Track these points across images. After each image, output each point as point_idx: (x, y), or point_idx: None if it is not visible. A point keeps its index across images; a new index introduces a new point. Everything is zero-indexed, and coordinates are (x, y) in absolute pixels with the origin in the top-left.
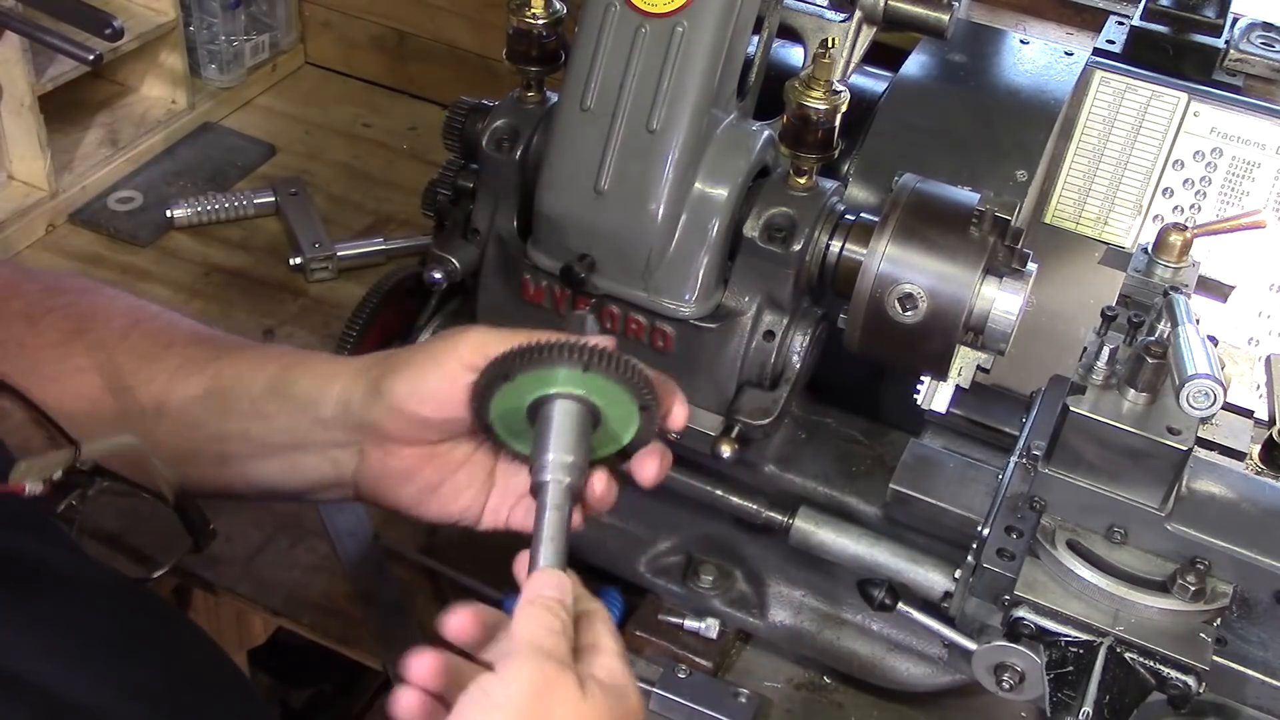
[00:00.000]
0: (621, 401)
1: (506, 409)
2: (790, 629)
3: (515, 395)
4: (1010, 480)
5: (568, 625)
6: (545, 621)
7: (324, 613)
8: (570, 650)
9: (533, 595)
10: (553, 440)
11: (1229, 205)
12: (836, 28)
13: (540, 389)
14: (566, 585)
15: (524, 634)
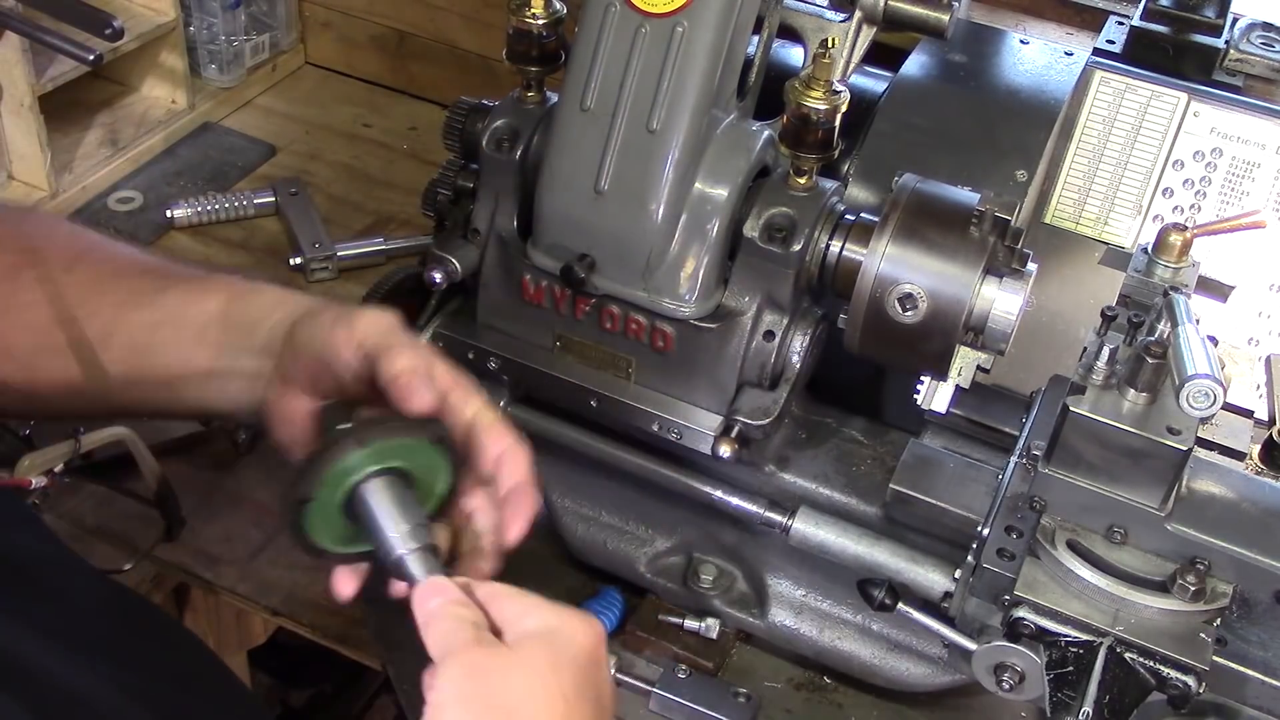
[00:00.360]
0: (417, 449)
1: (327, 526)
2: (790, 629)
3: (324, 511)
4: (1010, 480)
5: (463, 611)
6: (445, 625)
7: (324, 613)
8: (479, 628)
9: (422, 615)
10: (380, 522)
11: (1229, 205)
12: (836, 28)
13: (339, 489)
14: (444, 583)
15: (435, 645)
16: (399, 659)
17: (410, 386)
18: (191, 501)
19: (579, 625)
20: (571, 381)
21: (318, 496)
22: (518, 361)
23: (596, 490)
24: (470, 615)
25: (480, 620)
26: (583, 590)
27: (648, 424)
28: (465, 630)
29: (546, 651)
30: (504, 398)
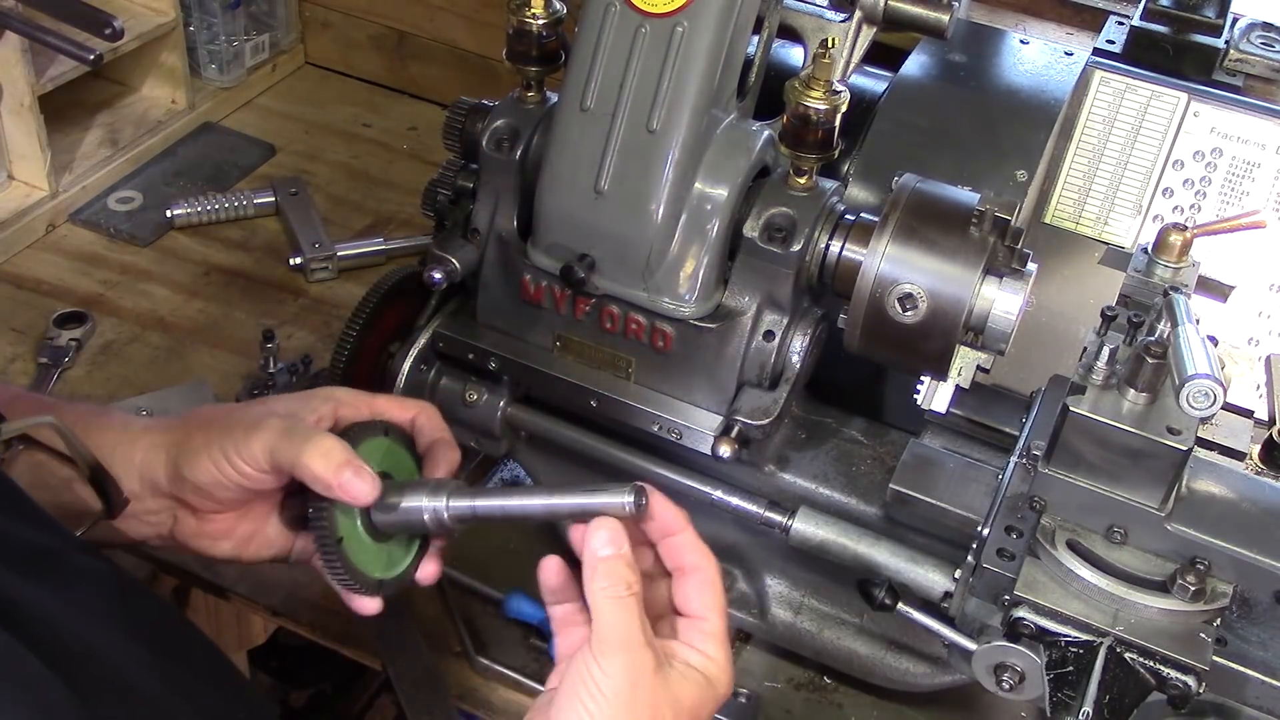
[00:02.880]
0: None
1: (368, 558)
2: (790, 629)
3: (357, 544)
4: (1010, 480)
5: (631, 577)
6: (619, 600)
7: (324, 613)
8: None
9: (595, 554)
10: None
11: (1229, 205)
12: (836, 28)
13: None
14: (621, 535)
15: (607, 617)
16: (399, 659)
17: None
18: None
19: (726, 679)
20: (571, 381)
21: (344, 533)
22: (518, 361)
23: None
24: (638, 589)
25: (640, 598)
26: None
27: (648, 424)
28: (638, 622)
29: (697, 691)
30: (504, 398)
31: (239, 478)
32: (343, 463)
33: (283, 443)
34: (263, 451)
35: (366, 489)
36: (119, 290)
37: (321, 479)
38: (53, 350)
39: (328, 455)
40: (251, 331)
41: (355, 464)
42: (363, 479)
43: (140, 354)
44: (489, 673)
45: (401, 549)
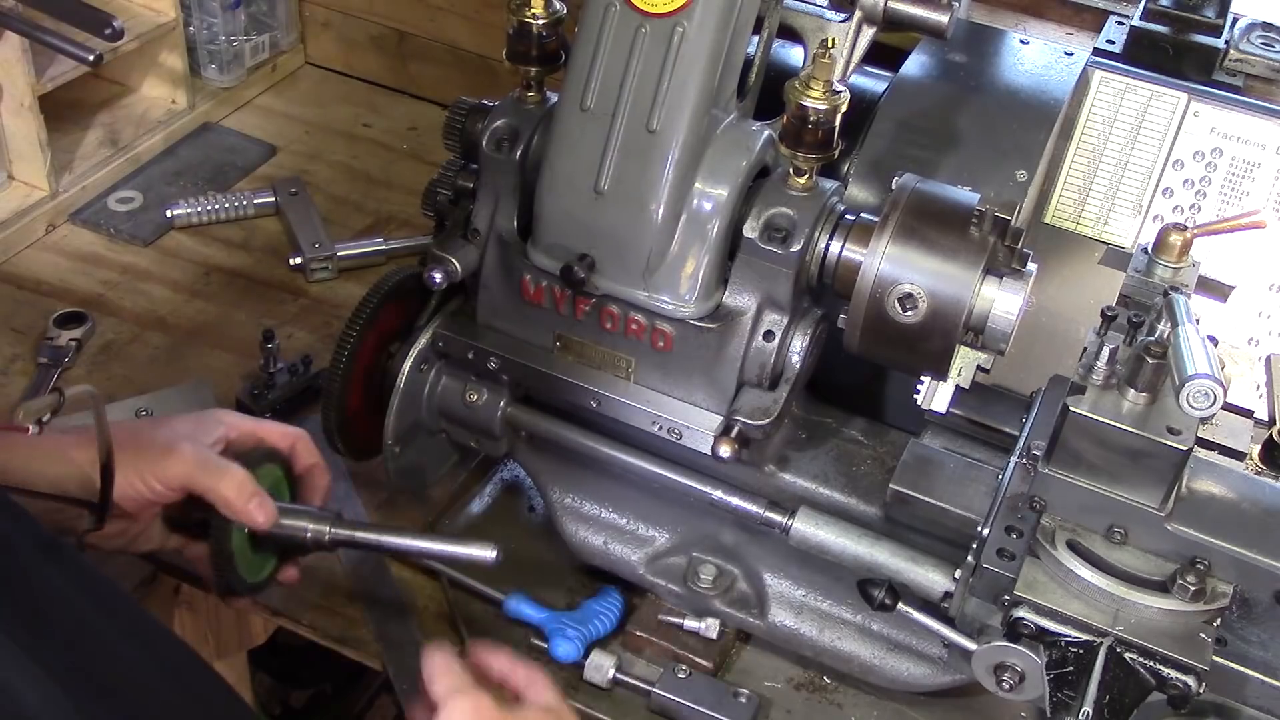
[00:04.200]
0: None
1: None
2: (790, 629)
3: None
4: (1010, 480)
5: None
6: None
7: (324, 613)
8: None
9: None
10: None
11: (1229, 205)
12: (836, 28)
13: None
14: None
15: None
16: (399, 659)
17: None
18: None
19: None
20: (571, 381)
21: (237, 547)
22: (518, 361)
23: (596, 490)
24: (465, 666)
25: (470, 669)
26: (583, 590)
27: (648, 424)
28: (467, 677)
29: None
30: (504, 398)
31: (151, 495)
32: (252, 493)
33: (199, 472)
34: (179, 477)
35: (267, 516)
36: (119, 290)
37: (232, 506)
38: (53, 350)
39: (240, 487)
40: (251, 331)
41: (260, 495)
42: (265, 509)
43: (140, 354)
44: None
45: (267, 559)
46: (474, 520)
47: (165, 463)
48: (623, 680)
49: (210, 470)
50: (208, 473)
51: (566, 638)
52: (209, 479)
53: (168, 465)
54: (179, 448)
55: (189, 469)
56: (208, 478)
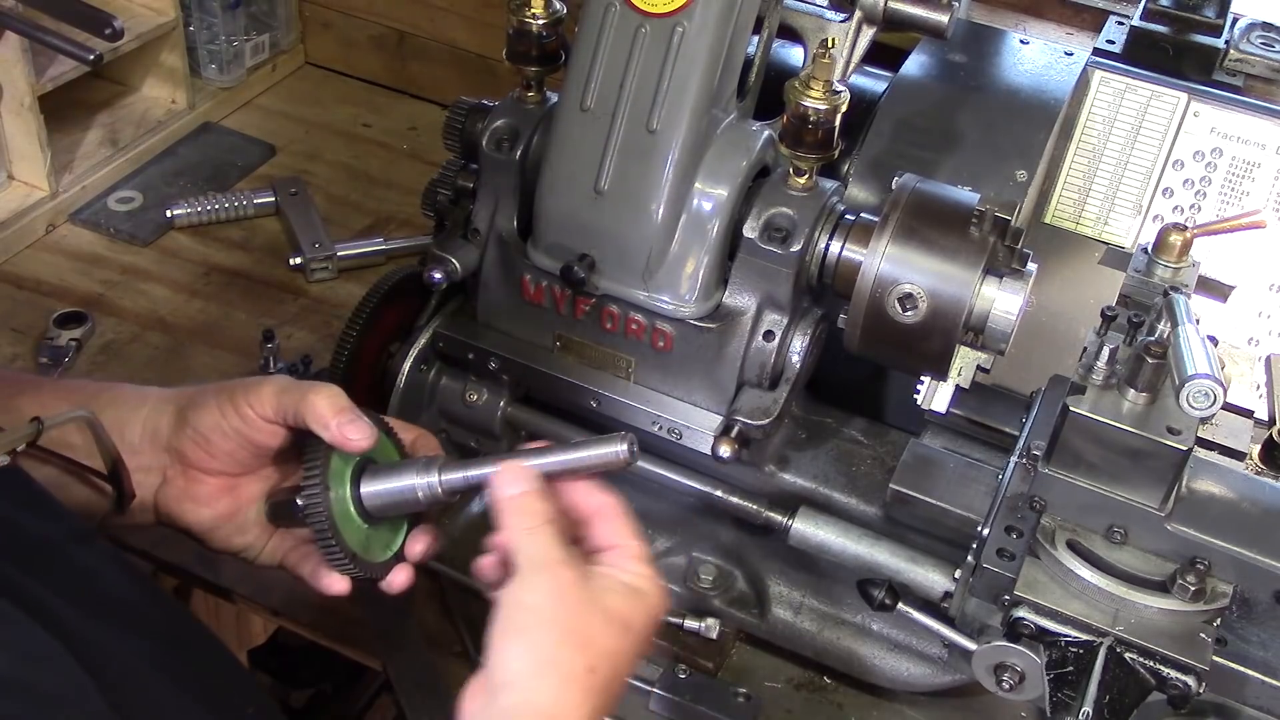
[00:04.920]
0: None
1: (353, 534)
2: (790, 629)
3: (346, 519)
4: (1010, 480)
5: (545, 507)
6: (533, 528)
7: (324, 613)
8: (566, 545)
9: (502, 499)
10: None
11: (1229, 205)
12: (836, 28)
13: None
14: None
15: (523, 546)
16: (399, 659)
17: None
18: None
19: (655, 591)
20: (571, 381)
21: (336, 509)
22: (518, 361)
23: None
24: (552, 515)
25: (556, 523)
26: None
27: (648, 424)
28: (556, 545)
29: (625, 600)
30: (504, 398)
31: (242, 424)
32: (346, 406)
33: (289, 390)
34: (270, 396)
35: (364, 434)
36: (119, 290)
37: (323, 418)
38: (53, 350)
39: (332, 398)
40: (251, 331)
41: (356, 411)
42: (361, 424)
43: (140, 354)
44: None
45: (387, 536)
46: (474, 520)
47: (257, 387)
48: None
49: (300, 388)
50: (298, 390)
51: None
52: (298, 394)
53: (259, 388)
54: (272, 378)
55: (278, 387)
56: (297, 393)
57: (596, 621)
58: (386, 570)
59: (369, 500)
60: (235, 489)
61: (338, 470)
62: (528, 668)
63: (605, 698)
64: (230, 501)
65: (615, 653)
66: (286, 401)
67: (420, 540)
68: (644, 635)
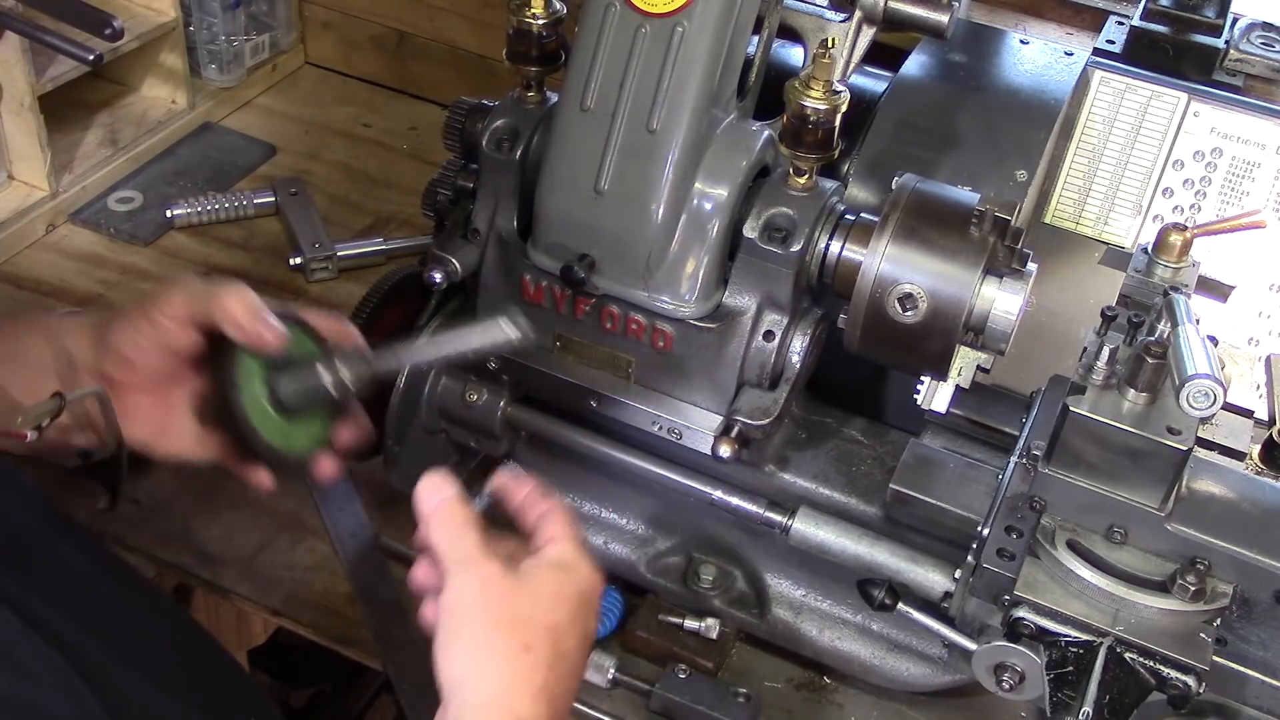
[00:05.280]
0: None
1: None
2: (790, 629)
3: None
4: (1010, 480)
5: (466, 512)
6: (453, 530)
7: (324, 613)
8: (484, 541)
9: (426, 509)
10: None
11: (1229, 205)
12: (836, 28)
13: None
14: (442, 480)
15: (445, 548)
16: (399, 659)
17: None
18: (191, 501)
19: (583, 565)
20: (571, 381)
21: (250, 405)
22: (518, 361)
23: (596, 490)
24: (474, 519)
25: (478, 524)
26: None
27: (648, 424)
28: (474, 541)
29: (553, 579)
30: (504, 398)
31: (157, 333)
32: (256, 306)
33: (199, 295)
34: (181, 302)
35: (275, 333)
36: (119, 290)
37: (234, 319)
38: None
39: (244, 299)
40: None
41: (267, 311)
42: (272, 323)
43: None
44: None
45: (312, 429)
46: None
47: (167, 295)
48: (623, 680)
49: (212, 290)
50: (209, 292)
51: None
52: (210, 297)
53: (169, 295)
54: (183, 281)
55: (189, 292)
56: (209, 295)
57: (525, 601)
58: (309, 461)
59: (283, 395)
60: (165, 400)
61: (249, 368)
62: (467, 664)
63: (554, 674)
64: (162, 413)
65: (551, 627)
66: (198, 306)
67: (346, 430)
68: (579, 609)
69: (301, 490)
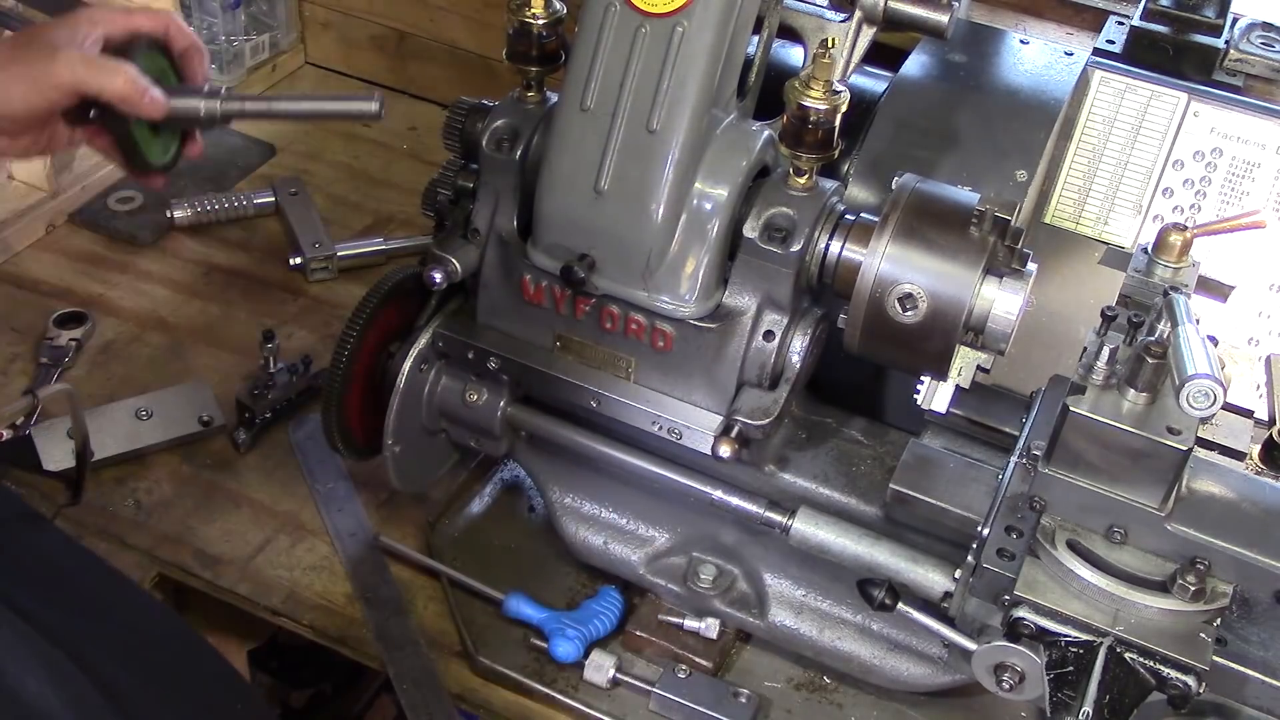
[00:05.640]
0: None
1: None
2: (790, 629)
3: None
4: (1010, 480)
5: None
6: None
7: (324, 613)
8: None
9: None
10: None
11: (1229, 205)
12: (836, 28)
13: None
14: None
15: None
16: (399, 659)
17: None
18: (191, 501)
19: None
20: (571, 381)
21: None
22: (518, 361)
23: (596, 490)
24: None
25: None
26: (583, 590)
27: (648, 424)
28: None
29: None
30: (504, 398)
31: (47, 104)
32: (143, 87)
33: (87, 74)
34: (68, 82)
35: (159, 107)
36: (119, 290)
37: (129, 100)
38: (53, 350)
39: (131, 82)
40: (251, 331)
41: (150, 87)
42: (156, 100)
43: (140, 354)
44: (489, 673)
45: (170, 140)
46: (474, 520)
47: (53, 68)
48: (623, 680)
49: (98, 70)
50: (97, 72)
51: (566, 638)
52: (100, 78)
53: (56, 71)
54: (64, 54)
55: (78, 72)
56: (98, 77)
57: None
58: (168, 169)
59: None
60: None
61: None
62: None
63: None
64: (41, 133)
65: None
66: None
67: (194, 146)
68: None
69: (301, 490)
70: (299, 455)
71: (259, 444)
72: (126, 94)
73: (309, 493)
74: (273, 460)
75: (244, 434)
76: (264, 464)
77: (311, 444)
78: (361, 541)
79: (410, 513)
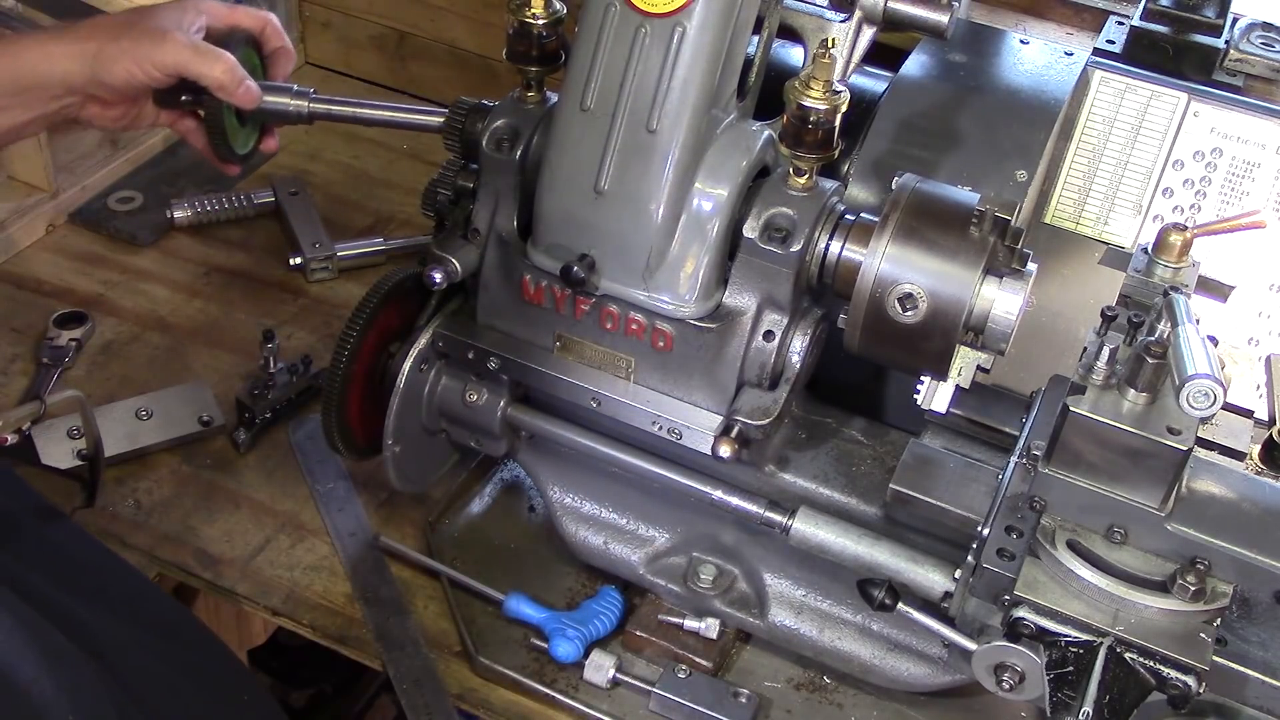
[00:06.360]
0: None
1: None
2: (790, 629)
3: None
4: (1010, 480)
5: None
6: None
7: (324, 613)
8: None
9: None
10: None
11: (1229, 205)
12: (836, 28)
13: None
14: None
15: None
16: (399, 659)
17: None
18: (191, 501)
19: None
20: (571, 381)
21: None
22: (518, 361)
23: (596, 490)
24: None
25: None
26: (583, 590)
27: (647, 424)
28: None
29: None
30: (504, 398)
31: (148, 80)
32: (241, 77)
33: (192, 59)
34: (174, 64)
35: (254, 98)
36: (119, 290)
37: (226, 89)
38: (53, 350)
39: (231, 72)
40: (251, 331)
41: (248, 78)
42: (252, 91)
43: (140, 354)
44: (489, 673)
45: (251, 133)
46: (474, 520)
47: (161, 49)
48: (623, 680)
49: (203, 56)
50: (201, 59)
51: (566, 638)
52: (202, 65)
53: (163, 52)
54: (172, 36)
55: (183, 55)
56: (201, 64)
57: None
58: (247, 159)
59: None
60: (132, 105)
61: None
62: None
63: None
64: (134, 108)
65: None
66: (189, 70)
67: (270, 141)
68: None
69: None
70: (299, 455)
71: (259, 444)
72: (225, 82)
73: (309, 493)
74: (273, 460)
75: (244, 434)
76: (264, 464)
77: (311, 444)
78: (361, 541)
79: (410, 513)
